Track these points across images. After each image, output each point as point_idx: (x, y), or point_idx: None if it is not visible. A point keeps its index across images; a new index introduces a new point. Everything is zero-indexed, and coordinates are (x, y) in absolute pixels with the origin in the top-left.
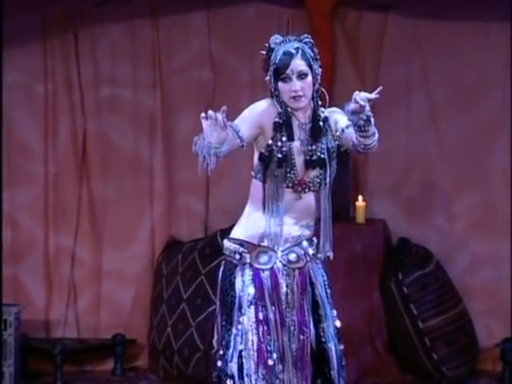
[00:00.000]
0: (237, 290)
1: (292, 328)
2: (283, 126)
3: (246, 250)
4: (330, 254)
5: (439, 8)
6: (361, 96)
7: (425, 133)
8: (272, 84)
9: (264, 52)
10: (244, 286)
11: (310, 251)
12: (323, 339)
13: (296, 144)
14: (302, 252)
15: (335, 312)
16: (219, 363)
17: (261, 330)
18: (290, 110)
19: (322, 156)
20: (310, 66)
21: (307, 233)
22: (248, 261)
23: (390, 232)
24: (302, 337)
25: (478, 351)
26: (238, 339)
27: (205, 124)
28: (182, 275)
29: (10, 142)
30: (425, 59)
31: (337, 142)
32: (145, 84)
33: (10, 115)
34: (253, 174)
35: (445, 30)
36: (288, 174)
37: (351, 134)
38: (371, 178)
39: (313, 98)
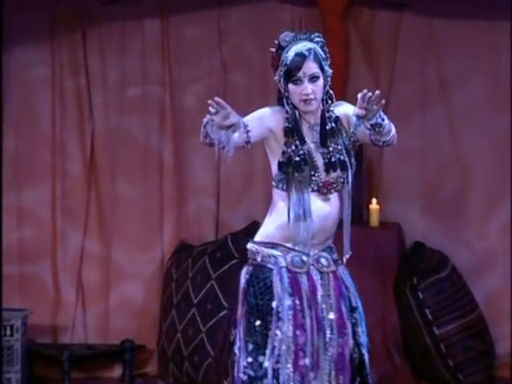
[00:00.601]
0: (275, 294)
1: (328, 332)
2: (293, 130)
3: (280, 254)
4: (348, 254)
5: (454, 6)
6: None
7: (441, 134)
8: (282, 85)
9: (273, 49)
10: (283, 290)
11: (335, 256)
12: (358, 343)
13: (311, 146)
14: (330, 257)
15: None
16: (250, 371)
17: (299, 335)
18: (297, 113)
19: (342, 158)
20: (322, 68)
21: (331, 238)
22: (284, 264)
23: (404, 236)
24: (341, 340)
25: (495, 358)
26: (276, 344)
27: (214, 117)
28: (192, 280)
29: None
30: (440, 59)
31: (352, 139)
32: (154, 83)
33: (18, 116)
34: (274, 183)
35: (460, 28)
36: (313, 178)
37: (366, 129)
38: (385, 181)
39: (322, 100)
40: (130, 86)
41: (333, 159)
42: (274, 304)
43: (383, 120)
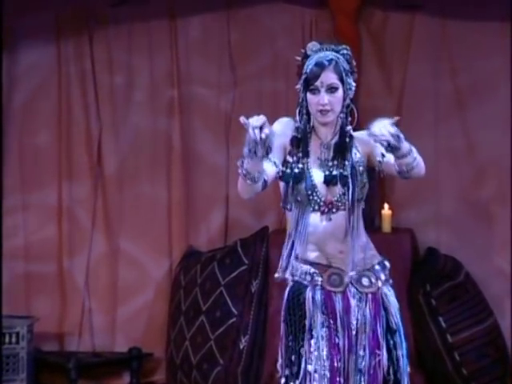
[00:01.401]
0: (307, 312)
1: (361, 353)
2: (300, 141)
3: (317, 272)
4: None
5: (468, 8)
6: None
7: (454, 137)
8: (301, 94)
9: (299, 58)
10: (315, 307)
11: (383, 276)
12: (396, 367)
13: (316, 162)
14: (375, 277)
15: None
16: None
17: (334, 353)
18: (309, 127)
19: (345, 173)
20: (342, 80)
21: (371, 253)
22: (319, 283)
23: (417, 242)
24: (374, 361)
25: (510, 366)
26: (309, 361)
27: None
28: (200, 286)
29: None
30: (454, 61)
31: (362, 159)
32: (162, 85)
33: (23, 117)
34: (281, 204)
35: (474, 30)
36: (310, 197)
37: (391, 160)
38: (398, 185)
39: (341, 114)
40: (138, 87)
41: (334, 172)
42: (306, 321)
43: (409, 153)
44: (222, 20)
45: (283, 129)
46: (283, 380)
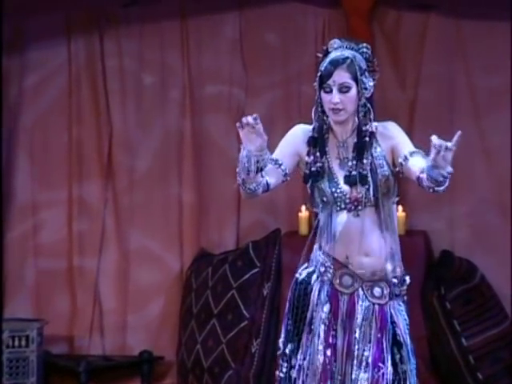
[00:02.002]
0: (311, 304)
1: (364, 363)
2: (317, 140)
3: (331, 266)
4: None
5: (482, 8)
6: (439, 143)
7: (469, 138)
8: (317, 92)
9: (320, 55)
10: (319, 302)
11: (397, 291)
12: (402, 382)
13: (335, 162)
14: (388, 290)
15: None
16: (282, 372)
17: (328, 353)
18: (326, 126)
19: (364, 172)
20: (356, 79)
21: (392, 267)
22: (330, 278)
23: (431, 244)
24: (376, 374)
25: None
26: (304, 357)
27: (242, 133)
28: (212, 289)
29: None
30: (468, 61)
31: (383, 153)
32: (173, 86)
33: (35, 118)
34: (309, 205)
35: (489, 30)
36: (335, 194)
37: (417, 164)
38: (412, 188)
39: (358, 113)
40: (149, 88)
41: (353, 172)
42: (308, 313)
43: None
44: (233, 20)
45: (294, 137)
46: (283, 363)
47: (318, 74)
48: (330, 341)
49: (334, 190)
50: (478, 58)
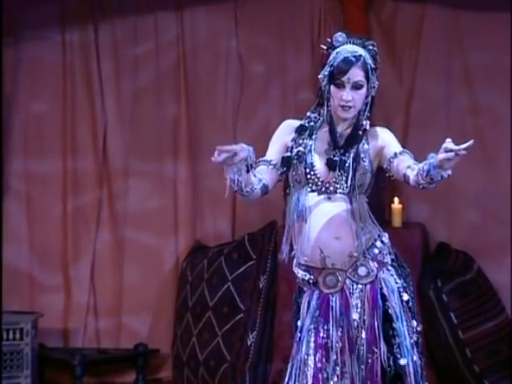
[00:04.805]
0: (301, 316)
1: (362, 349)
2: (306, 128)
3: (312, 277)
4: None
5: None
6: (455, 148)
7: (466, 129)
8: (325, 85)
9: (324, 47)
10: (308, 312)
11: (380, 257)
12: (399, 355)
13: (323, 148)
14: (371, 263)
15: (415, 322)
16: None
17: (318, 356)
18: (327, 116)
19: (347, 160)
20: (367, 78)
21: (367, 237)
22: (316, 287)
23: (428, 237)
24: (370, 357)
25: None
26: (295, 364)
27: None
28: (207, 281)
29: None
30: (466, 53)
31: (369, 151)
32: (168, 75)
33: (27, 109)
34: (283, 193)
35: (486, 20)
36: (308, 175)
37: (404, 163)
38: None
39: (361, 109)
40: (143, 78)
41: (335, 158)
42: (298, 323)
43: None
44: (229, 10)
45: (281, 132)
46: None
47: (329, 68)
48: (319, 342)
49: (308, 170)
50: (475, 50)
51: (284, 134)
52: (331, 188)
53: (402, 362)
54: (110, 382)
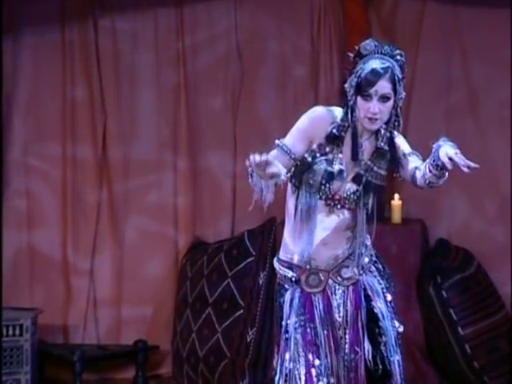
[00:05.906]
0: (284, 315)
1: (346, 348)
2: (337, 138)
3: (295, 275)
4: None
5: None
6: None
7: (465, 126)
8: (351, 95)
9: (351, 55)
10: (292, 310)
11: (366, 260)
12: (385, 354)
13: (344, 159)
14: (355, 265)
15: (397, 323)
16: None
17: (310, 353)
18: (353, 126)
19: (372, 180)
20: (395, 89)
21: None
22: (297, 285)
23: (428, 233)
24: (354, 357)
25: None
26: (285, 364)
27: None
28: (207, 278)
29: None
30: (465, 49)
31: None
32: (168, 73)
33: (28, 106)
34: (291, 180)
35: (486, 17)
36: (322, 186)
37: (412, 164)
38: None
39: (387, 122)
40: (142, 76)
41: (365, 176)
42: (283, 323)
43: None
44: (229, 4)
45: (311, 127)
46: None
47: (356, 79)
48: (309, 339)
49: (324, 181)
50: (475, 46)
51: (312, 129)
52: (341, 203)
53: (392, 359)
54: (109, 378)
